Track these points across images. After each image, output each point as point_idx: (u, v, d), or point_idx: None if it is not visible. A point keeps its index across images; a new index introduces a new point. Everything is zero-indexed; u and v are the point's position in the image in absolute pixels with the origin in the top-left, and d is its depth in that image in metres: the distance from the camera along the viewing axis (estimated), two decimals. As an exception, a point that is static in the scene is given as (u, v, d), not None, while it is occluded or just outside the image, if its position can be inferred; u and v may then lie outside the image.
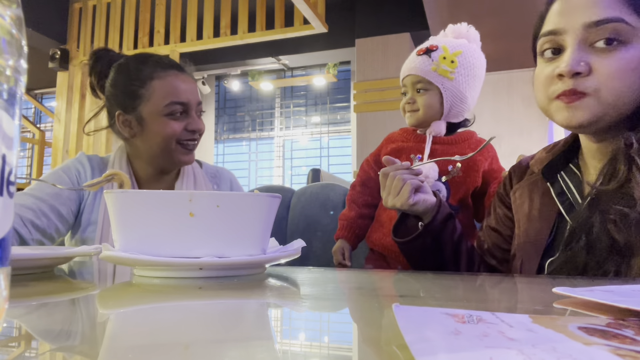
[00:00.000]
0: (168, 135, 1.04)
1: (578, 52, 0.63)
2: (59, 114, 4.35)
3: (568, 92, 0.63)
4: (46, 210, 1.01)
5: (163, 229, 0.53)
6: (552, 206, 0.72)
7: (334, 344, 0.29)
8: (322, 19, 3.55)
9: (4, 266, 0.22)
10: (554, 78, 0.65)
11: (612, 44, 0.62)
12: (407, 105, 1.03)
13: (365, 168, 1.14)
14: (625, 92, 0.62)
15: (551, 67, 0.66)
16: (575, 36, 0.64)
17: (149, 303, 0.42)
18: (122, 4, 4.30)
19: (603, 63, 0.62)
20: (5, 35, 0.22)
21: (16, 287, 0.45)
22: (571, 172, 0.73)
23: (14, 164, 0.23)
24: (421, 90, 1.01)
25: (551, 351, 0.20)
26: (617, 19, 0.61)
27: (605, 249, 0.62)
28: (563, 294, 0.37)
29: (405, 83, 1.04)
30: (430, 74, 0.99)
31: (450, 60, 0.99)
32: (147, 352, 0.24)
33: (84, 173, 1.10)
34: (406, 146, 1.06)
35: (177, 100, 1.04)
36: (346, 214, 1.13)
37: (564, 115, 0.65)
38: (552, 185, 0.74)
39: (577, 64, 0.62)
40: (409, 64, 1.02)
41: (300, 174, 5.30)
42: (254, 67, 5.10)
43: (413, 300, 0.46)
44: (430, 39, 1.05)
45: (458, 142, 1.04)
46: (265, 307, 0.40)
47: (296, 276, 0.61)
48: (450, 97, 1.01)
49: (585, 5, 0.63)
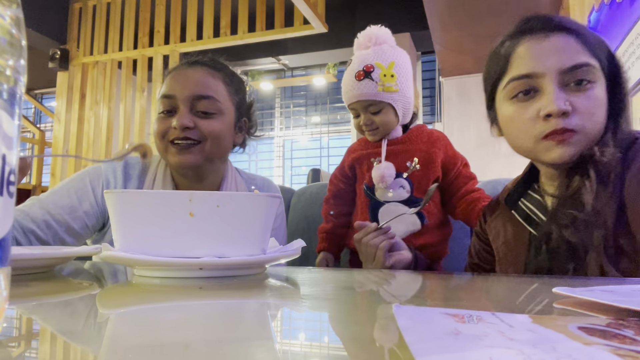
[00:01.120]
0: (155, 133, 0.97)
1: (560, 93, 0.68)
2: (59, 114, 4.35)
3: (560, 131, 0.68)
4: (52, 224, 0.93)
5: (163, 229, 0.53)
6: (524, 230, 0.78)
7: (334, 344, 0.29)
8: (322, 19, 3.55)
9: (4, 266, 0.22)
10: (538, 119, 0.70)
11: (582, 84, 0.69)
12: (366, 126, 1.06)
13: (334, 182, 1.17)
14: (599, 127, 0.69)
15: (531, 110, 0.71)
16: (554, 79, 0.69)
17: (149, 303, 0.42)
18: (122, 4, 4.30)
19: (580, 102, 0.68)
20: (5, 35, 0.22)
21: (16, 287, 0.45)
22: (531, 197, 0.80)
23: (14, 164, 0.23)
24: (376, 112, 1.05)
25: (551, 351, 0.20)
26: (586, 64, 0.69)
27: (564, 252, 0.68)
28: (563, 294, 0.37)
29: (354, 107, 1.06)
30: (379, 95, 1.02)
31: (390, 74, 1.03)
32: (147, 352, 0.24)
33: (114, 182, 0.99)
34: (365, 153, 1.10)
35: (164, 93, 0.97)
36: (324, 227, 1.16)
37: (557, 152, 0.69)
38: (517, 212, 0.80)
39: (563, 104, 0.67)
40: (353, 90, 1.04)
41: (300, 174, 5.30)
42: (254, 67, 5.10)
43: (413, 300, 0.46)
44: (358, 57, 1.07)
45: (411, 139, 1.08)
46: (265, 307, 0.40)
47: (296, 276, 0.61)
48: (402, 106, 1.05)
49: (557, 51, 0.70)
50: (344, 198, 1.15)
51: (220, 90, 0.99)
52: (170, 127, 0.95)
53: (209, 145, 0.97)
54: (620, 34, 2.14)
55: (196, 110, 0.96)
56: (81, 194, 0.97)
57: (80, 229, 0.96)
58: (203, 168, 1.00)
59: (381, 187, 1.04)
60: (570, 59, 0.69)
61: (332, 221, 1.15)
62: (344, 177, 1.15)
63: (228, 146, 1.03)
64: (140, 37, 4.22)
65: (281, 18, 3.76)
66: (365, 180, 1.08)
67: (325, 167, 5.02)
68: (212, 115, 0.97)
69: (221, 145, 0.99)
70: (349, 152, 1.16)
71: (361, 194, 1.10)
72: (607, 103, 0.71)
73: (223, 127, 0.99)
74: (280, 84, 5.33)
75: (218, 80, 1.00)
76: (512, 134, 0.75)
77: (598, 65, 0.70)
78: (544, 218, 0.75)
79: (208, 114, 0.97)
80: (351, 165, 1.12)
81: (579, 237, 0.66)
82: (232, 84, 1.03)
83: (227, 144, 1.02)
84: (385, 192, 1.04)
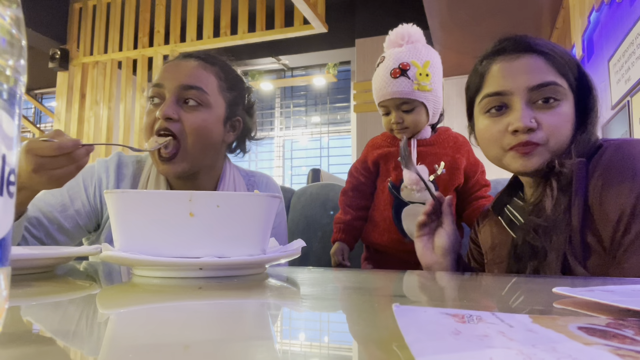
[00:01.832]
0: (144, 127, 0.95)
1: (526, 110, 0.75)
2: (59, 114, 4.35)
3: (524, 144, 0.75)
4: (44, 221, 0.92)
5: (163, 229, 0.53)
6: (507, 235, 0.84)
7: (334, 344, 0.29)
8: (322, 19, 3.56)
9: (4, 266, 0.22)
10: (506, 132, 0.77)
11: (549, 102, 0.75)
12: (396, 125, 1.07)
13: (355, 174, 1.17)
14: (565, 140, 0.76)
15: (501, 124, 0.77)
16: (521, 97, 0.76)
17: (149, 303, 0.42)
18: (122, 4, 4.30)
19: (546, 118, 0.75)
20: (5, 35, 0.22)
21: (16, 287, 0.45)
22: (515, 203, 0.86)
23: (14, 164, 0.23)
24: (408, 110, 1.05)
25: (551, 351, 0.20)
26: (553, 82, 0.75)
27: (527, 254, 0.76)
28: (563, 294, 0.37)
29: (386, 104, 1.06)
30: (414, 94, 1.03)
31: (425, 74, 1.04)
32: (147, 352, 0.24)
33: (107, 180, 0.98)
34: (392, 151, 1.10)
35: (154, 82, 0.95)
36: (342, 218, 1.16)
37: (520, 163, 0.76)
38: (502, 217, 0.86)
39: (529, 121, 0.74)
40: (388, 87, 1.04)
41: (300, 174, 5.30)
42: (254, 67, 5.10)
43: (413, 300, 0.46)
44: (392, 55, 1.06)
45: (438, 142, 1.10)
46: (265, 307, 0.40)
47: (296, 276, 0.61)
48: (433, 106, 1.06)
49: (525, 71, 0.76)
50: (363, 191, 1.16)
51: (211, 83, 0.97)
52: (156, 119, 0.93)
53: (191, 143, 0.93)
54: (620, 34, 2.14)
55: (183, 101, 0.93)
56: (73, 193, 0.96)
57: (71, 228, 0.95)
58: (192, 170, 0.97)
59: (414, 189, 1.04)
60: (538, 78, 0.75)
61: (350, 213, 1.15)
62: (365, 171, 1.15)
63: (215, 143, 0.99)
64: (140, 37, 4.22)
65: (281, 18, 3.76)
66: (390, 178, 1.09)
67: (325, 167, 5.02)
68: (198, 107, 0.94)
69: (205, 141, 0.96)
70: (372, 146, 1.16)
71: (384, 190, 1.10)
72: (574, 118, 0.77)
73: (208, 121, 0.95)
74: (280, 84, 5.33)
75: (210, 73, 0.98)
76: (484, 144, 0.83)
77: (566, 84, 0.76)
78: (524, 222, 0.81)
79: (194, 107, 0.94)
80: (375, 161, 1.12)
81: (539, 241, 0.73)
82: (226, 79, 1.01)
83: (213, 140, 0.98)
84: (412, 192, 1.04)
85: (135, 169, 1.02)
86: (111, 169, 0.99)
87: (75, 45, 4.41)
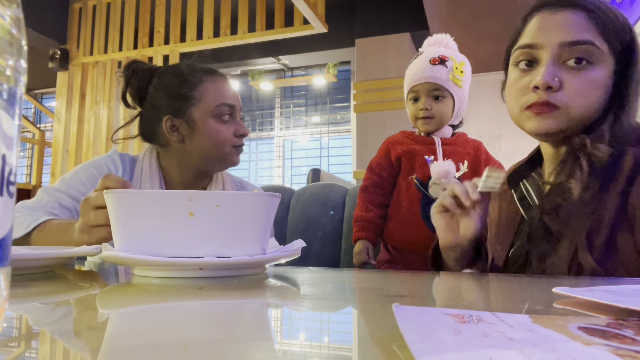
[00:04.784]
0: (220, 140, 1.04)
1: (552, 67, 0.68)
2: (59, 114, 4.35)
3: (540, 104, 0.68)
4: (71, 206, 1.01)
5: (163, 229, 0.53)
6: (517, 212, 0.79)
7: (334, 344, 0.29)
8: (322, 19, 3.55)
9: (4, 266, 0.22)
10: (528, 89, 0.70)
11: (581, 64, 0.67)
12: (423, 111, 1.10)
13: (377, 170, 1.18)
14: (589, 108, 0.68)
15: (526, 79, 0.71)
16: (551, 52, 0.69)
17: (149, 303, 0.42)
18: (122, 4, 4.30)
19: (573, 80, 0.67)
20: (5, 35, 0.22)
21: (16, 287, 0.45)
22: (532, 179, 0.80)
23: (14, 164, 0.23)
24: (439, 97, 1.10)
25: (551, 351, 0.20)
26: (589, 42, 0.67)
27: (540, 237, 0.69)
28: (563, 294, 0.37)
29: (417, 89, 1.11)
30: (448, 83, 1.09)
31: (460, 70, 1.10)
32: (147, 352, 0.24)
33: (115, 171, 1.07)
34: (417, 149, 1.13)
35: (227, 102, 1.05)
36: (364, 216, 1.15)
37: (533, 123, 0.70)
38: (516, 192, 0.80)
39: (552, 79, 0.67)
40: (425, 72, 1.09)
41: (300, 174, 5.29)
42: (254, 67, 5.10)
43: (413, 300, 0.46)
44: (432, 49, 1.13)
45: (457, 143, 1.14)
46: (265, 307, 0.40)
47: (296, 276, 0.61)
48: (459, 103, 1.11)
49: (562, 25, 0.69)
50: (384, 188, 1.16)
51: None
52: (231, 135, 1.06)
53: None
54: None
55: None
56: (94, 181, 1.02)
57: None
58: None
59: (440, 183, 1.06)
60: (572, 35, 0.67)
61: (372, 210, 1.15)
62: (388, 167, 1.16)
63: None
64: (140, 37, 4.22)
65: (281, 18, 3.76)
66: (416, 175, 1.10)
67: (325, 167, 5.01)
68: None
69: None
70: (393, 143, 1.17)
71: (409, 187, 1.11)
72: (609, 89, 0.69)
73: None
74: (280, 84, 5.33)
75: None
76: (508, 100, 0.77)
77: (606, 47, 0.67)
78: (538, 202, 0.75)
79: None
80: (398, 157, 1.14)
81: (557, 224, 0.67)
82: None
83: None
84: (440, 188, 1.05)
85: (130, 159, 1.11)
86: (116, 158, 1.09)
87: (75, 45, 4.41)
